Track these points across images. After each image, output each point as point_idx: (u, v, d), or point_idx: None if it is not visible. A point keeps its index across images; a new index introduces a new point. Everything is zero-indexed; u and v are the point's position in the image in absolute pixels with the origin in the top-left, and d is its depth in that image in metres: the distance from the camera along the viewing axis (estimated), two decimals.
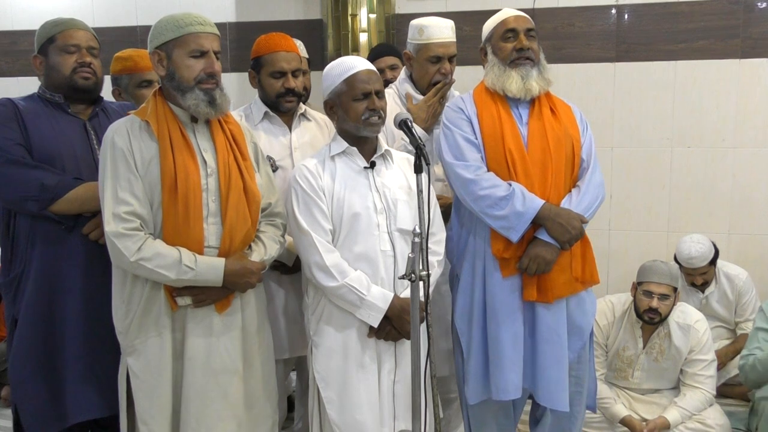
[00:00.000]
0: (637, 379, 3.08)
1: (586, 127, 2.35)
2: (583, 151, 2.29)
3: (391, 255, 2.12)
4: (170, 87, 1.96)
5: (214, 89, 1.95)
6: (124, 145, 1.90)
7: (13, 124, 2.09)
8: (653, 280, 2.92)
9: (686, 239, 3.44)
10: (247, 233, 2.03)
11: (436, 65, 2.52)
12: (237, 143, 2.05)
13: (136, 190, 1.89)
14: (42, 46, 2.20)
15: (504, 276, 2.21)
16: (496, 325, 2.22)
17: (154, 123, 1.92)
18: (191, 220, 1.92)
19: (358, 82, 2.11)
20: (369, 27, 3.79)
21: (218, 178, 1.97)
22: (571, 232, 2.13)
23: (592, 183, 2.25)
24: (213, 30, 1.97)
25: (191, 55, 1.92)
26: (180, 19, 1.93)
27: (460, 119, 2.28)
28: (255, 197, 2.04)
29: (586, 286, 2.29)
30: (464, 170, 2.20)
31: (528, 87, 2.23)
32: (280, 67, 2.39)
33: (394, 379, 2.15)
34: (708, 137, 3.78)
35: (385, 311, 2.07)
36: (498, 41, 2.29)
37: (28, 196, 2.05)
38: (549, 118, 2.26)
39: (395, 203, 2.13)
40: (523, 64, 2.24)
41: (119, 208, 1.87)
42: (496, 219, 2.16)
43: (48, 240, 2.12)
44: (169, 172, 1.89)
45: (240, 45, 4.19)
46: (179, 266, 1.88)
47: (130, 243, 1.86)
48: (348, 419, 2.11)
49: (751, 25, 3.65)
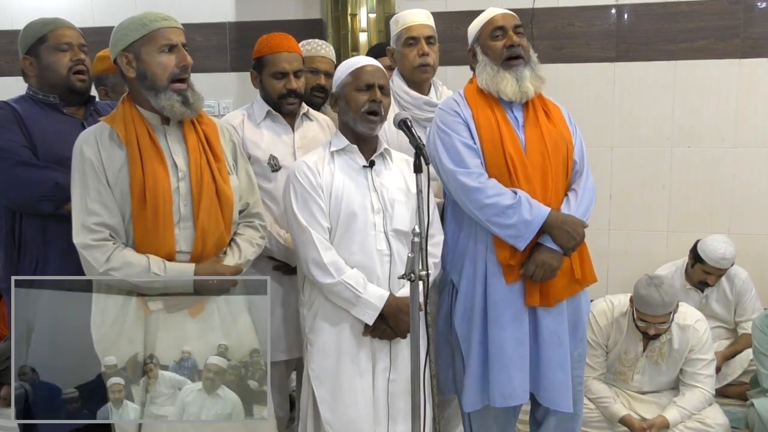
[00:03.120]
0: (637, 382, 3.07)
1: (575, 129, 2.32)
2: (576, 153, 2.27)
3: (388, 255, 2.12)
4: (141, 88, 1.90)
5: (186, 90, 1.91)
6: (92, 156, 1.87)
7: (14, 127, 2.09)
8: (648, 313, 2.85)
9: (715, 239, 3.42)
10: (220, 237, 1.98)
11: (414, 48, 2.52)
12: (210, 144, 2.00)
13: (105, 200, 1.86)
14: (31, 47, 2.18)
15: (508, 282, 2.19)
16: (499, 330, 2.20)
17: (121, 130, 1.89)
18: (161, 227, 1.88)
19: (362, 74, 2.12)
20: (369, 27, 3.79)
21: (190, 182, 1.94)
22: (576, 239, 2.13)
23: (587, 186, 2.24)
24: (178, 24, 1.94)
25: (161, 51, 1.88)
26: (142, 18, 1.89)
27: (456, 123, 2.23)
28: (228, 200, 1.99)
29: (584, 285, 2.29)
30: (467, 178, 2.16)
31: (524, 90, 2.20)
32: (282, 68, 2.38)
33: (389, 378, 2.15)
34: (708, 137, 3.79)
35: (380, 309, 2.07)
36: (487, 40, 2.26)
37: (44, 196, 2.05)
38: (545, 122, 2.23)
39: (392, 204, 2.13)
40: (515, 65, 2.20)
41: (88, 219, 1.85)
42: (503, 228, 2.14)
43: (62, 239, 2.10)
44: (137, 180, 1.86)
45: (240, 45, 4.19)
46: (148, 274, 1.85)
47: (98, 254, 1.84)
48: (340, 418, 2.11)
49: (751, 25, 3.65)
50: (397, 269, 2.10)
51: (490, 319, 2.22)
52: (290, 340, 2.43)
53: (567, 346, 2.23)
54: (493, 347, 2.21)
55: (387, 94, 2.15)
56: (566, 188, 2.25)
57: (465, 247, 2.28)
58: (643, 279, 2.90)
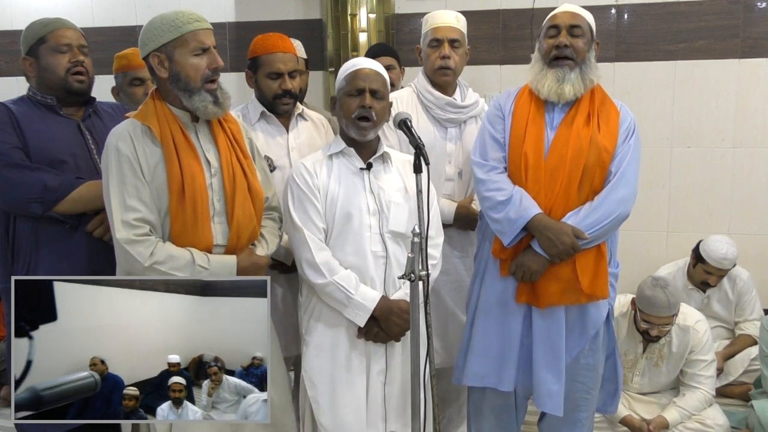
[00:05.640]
0: (636, 384, 3.08)
1: (627, 137, 2.20)
2: (614, 163, 2.16)
3: (383, 257, 2.12)
4: (174, 88, 1.93)
5: (216, 90, 1.95)
6: (128, 152, 1.88)
7: (8, 128, 2.09)
8: (653, 314, 2.84)
9: (717, 240, 3.42)
10: (254, 230, 2.05)
11: (437, 50, 2.53)
12: (237, 141, 2.05)
13: (143, 196, 1.88)
14: (32, 48, 2.18)
15: (501, 275, 2.23)
16: (485, 318, 2.27)
17: (156, 127, 1.91)
18: (199, 222, 1.92)
19: (355, 79, 2.11)
20: (369, 27, 3.79)
21: (222, 178, 1.98)
22: (558, 247, 2.09)
23: (609, 198, 2.13)
24: (208, 25, 1.96)
25: (194, 54, 1.90)
26: (175, 19, 1.90)
27: (495, 116, 2.28)
28: (259, 195, 2.06)
29: (591, 300, 2.20)
30: (479, 169, 2.23)
31: (560, 91, 2.15)
32: (276, 68, 2.39)
33: (384, 381, 2.14)
34: (708, 137, 3.79)
35: (371, 311, 2.07)
36: (544, 37, 2.24)
37: (32, 198, 2.05)
38: (579, 125, 2.16)
39: (388, 206, 2.12)
40: (561, 65, 2.16)
41: (128, 215, 1.86)
42: (493, 222, 2.19)
43: (53, 240, 2.12)
44: (176, 177, 1.89)
45: (240, 45, 4.19)
46: (193, 267, 1.88)
47: (142, 248, 1.85)
48: (335, 420, 2.11)
49: (751, 25, 3.65)
50: (393, 271, 2.10)
51: (480, 307, 2.29)
52: (288, 338, 2.44)
53: (561, 351, 2.20)
54: (476, 333, 2.29)
55: (381, 98, 2.11)
56: (591, 196, 2.17)
57: (481, 237, 2.36)
58: (648, 280, 2.90)
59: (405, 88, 2.69)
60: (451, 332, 2.59)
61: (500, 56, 3.91)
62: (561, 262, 2.14)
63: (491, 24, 3.94)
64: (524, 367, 2.25)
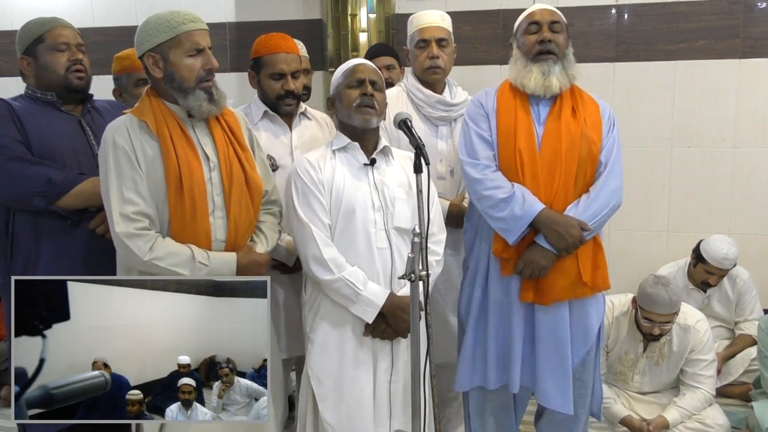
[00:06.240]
0: (637, 383, 3.08)
1: (611, 128, 2.26)
2: (603, 154, 2.22)
3: (388, 252, 2.12)
4: (169, 88, 1.93)
5: (211, 87, 1.95)
6: (126, 145, 1.88)
7: (9, 123, 2.09)
8: (654, 311, 2.84)
9: (717, 240, 3.42)
10: (250, 225, 2.04)
11: (425, 50, 2.54)
12: (234, 134, 2.04)
13: (141, 189, 1.88)
14: (29, 47, 2.18)
15: (503, 274, 2.22)
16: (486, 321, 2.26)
17: (152, 122, 1.91)
18: (198, 216, 1.92)
19: (354, 72, 2.14)
20: (369, 27, 3.79)
21: (220, 172, 1.97)
22: (567, 240, 2.11)
23: (604, 189, 2.19)
24: (204, 26, 1.96)
25: (189, 55, 1.91)
26: (171, 19, 1.90)
27: (478, 115, 2.27)
28: (258, 188, 2.05)
29: (595, 291, 2.24)
30: (472, 168, 2.21)
31: (547, 84, 2.18)
32: (279, 68, 2.39)
33: (390, 379, 2.14)
34: (708, 137, 3.78)
35: (380, 307, 2.07)
36: (523, 34, 2.26)
37: (36, 191, 2.05)
38: (567, 118, 2.20)
39: (393, 201, 2.13)
40: (545, 59, 2.19)
41: (127, 208, 1.86)
42: (495, 220, 2.17)
43: (53, 235, 2.12)
44: (173, 171, 1.89)
45: (240, 45, 4.19)
46: (193, 263, 1.88)
47: (141, 243, 1.85)
48: (341, 418, 2.11)
49: (751, 25, 3.64)
50: (398, 267, 2.10)
51: (479, 309, 2.29)
52: (289, 339, 2.44)
53: (567, 347, 2.22)
54: (478, 335, 2.29)
55: (380, 89, 2.16)
56: (584, 189, 2.21)
57: (474, 238, 2.34)
58: (650, 278, 2.90)
59: (394, 87, 2.70)
60: (441, 329, 2.57)
61: (500, 56, 3.90)
62: (567, 255, 2.15)
63: (491, 24, 3.94)
64: (527, 366, 2.25)
